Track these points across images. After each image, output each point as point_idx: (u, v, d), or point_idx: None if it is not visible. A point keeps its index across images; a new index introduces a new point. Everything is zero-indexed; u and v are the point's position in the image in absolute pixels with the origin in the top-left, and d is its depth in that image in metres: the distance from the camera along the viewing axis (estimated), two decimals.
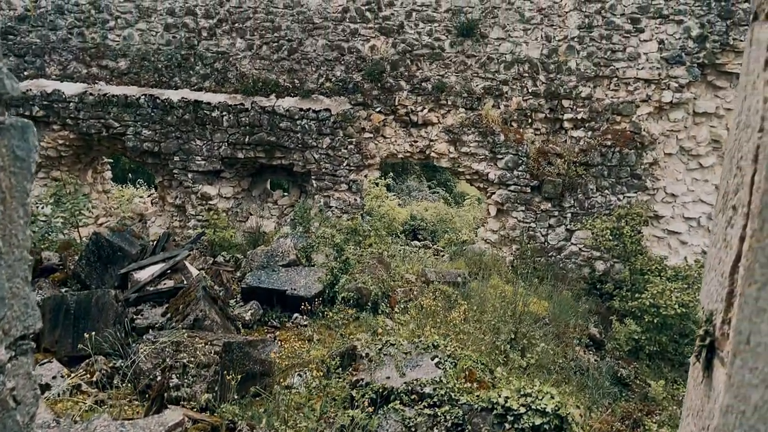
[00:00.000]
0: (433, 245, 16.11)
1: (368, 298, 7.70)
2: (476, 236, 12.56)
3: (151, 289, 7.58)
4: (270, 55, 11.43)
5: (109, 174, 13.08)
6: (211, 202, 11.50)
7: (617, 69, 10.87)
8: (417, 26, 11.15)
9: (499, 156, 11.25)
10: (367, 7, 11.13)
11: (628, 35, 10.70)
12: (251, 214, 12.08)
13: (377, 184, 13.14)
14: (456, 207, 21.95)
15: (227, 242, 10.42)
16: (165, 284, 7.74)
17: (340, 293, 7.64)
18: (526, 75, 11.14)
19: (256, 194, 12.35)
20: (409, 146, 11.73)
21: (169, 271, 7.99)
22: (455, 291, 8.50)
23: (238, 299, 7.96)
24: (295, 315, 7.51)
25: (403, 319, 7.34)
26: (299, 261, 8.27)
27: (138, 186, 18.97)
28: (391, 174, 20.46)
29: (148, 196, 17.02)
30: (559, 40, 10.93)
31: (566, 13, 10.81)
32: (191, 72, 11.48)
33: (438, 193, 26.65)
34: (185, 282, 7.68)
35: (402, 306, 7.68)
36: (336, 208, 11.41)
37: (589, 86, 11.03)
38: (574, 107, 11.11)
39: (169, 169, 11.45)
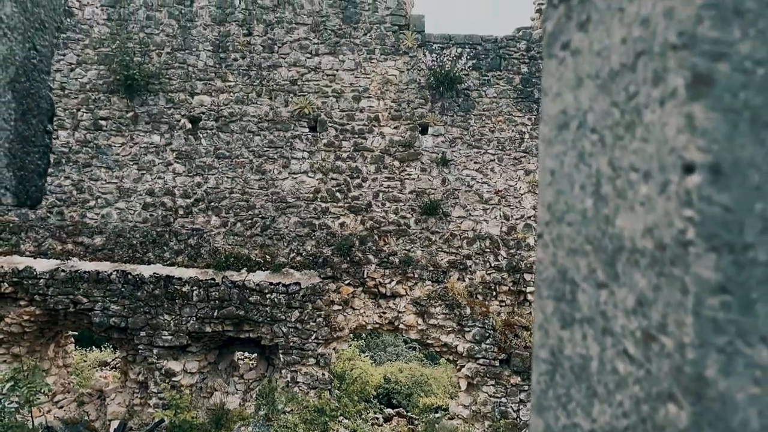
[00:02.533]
0: (407, 412, 15.60)
1: None
2: (451, 400, 12.27)
3: None
4: (243, 232, 11.89)
5: (71, 347, 12.79)
6: (174, 379, 11.20)
7: None
8: (384, 205, 11.85)
9: (467, 329, 11.39)
10: (337, 188, 11.88)
11: None
12: (216, 390, 11.72)
13: (350, 345, 13.02)
14: (432, 365, 21.57)
15: (188, 424, 10.00)
16: None
17: None
18: (488, 250, 11.68)
19: (222, 368, 12.09)
20: (378, 317, 11.85)
21: None
22: None
23: None
24: None
25: None
26: None
27: (103, 349, 18.46)
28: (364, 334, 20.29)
29: (112, 360, 16.55)
30: (516, 219, 11.65)
31: (521, 195, 11.65)
32: (165, 248, 11.81)
33: (414, 348, 26.29)
34: None
35: None
36: (303, 383, 11.18)
37: None
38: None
39: (135, 344, 11.29)
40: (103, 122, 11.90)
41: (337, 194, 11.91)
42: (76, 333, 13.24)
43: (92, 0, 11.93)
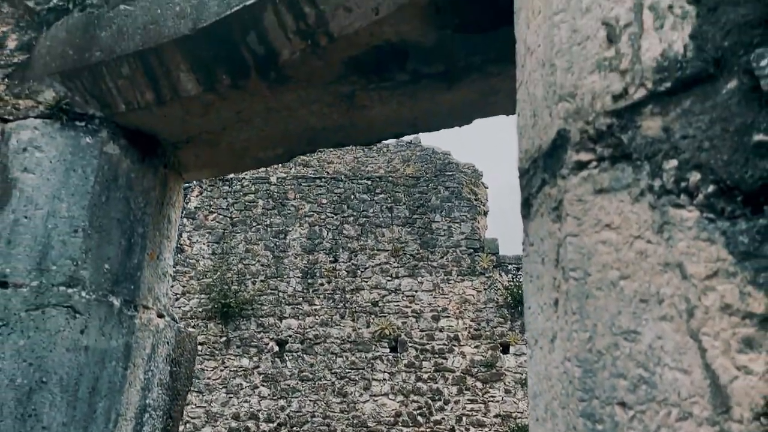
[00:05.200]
0: None
1: None
2: None
3: None
4: None
5: None
6: None
7: None
8: (468, 430, 11.32)
9: None
10: (418, 411, 11.61)
11: None
12: None
13: None
14: None
15: None
16: None
17: None
18: None
19: None
20: None
21: None
22: None
23: None
24: None
25: None
26: None
27: None
28: None
29: None
30: None
31: None
32: None
33: None
34: None
35: None
36: None
37: None
38: None
39: None
40: (199, 347, 12.71)
41: (419, 418, 11.59)
42: None
43: (201, 238, 13.63)
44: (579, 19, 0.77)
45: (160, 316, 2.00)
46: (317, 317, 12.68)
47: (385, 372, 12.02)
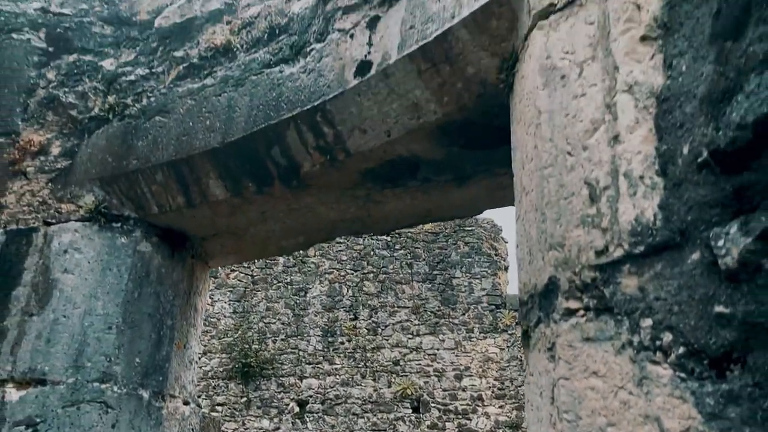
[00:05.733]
0: None
1: None
2: None
3: None
4: None
5: None
6: None
7: None
8: None
9: None
10: None
11: None
12: None
13: None
14: None
15: None
16: None
17: None
18: None
19: None
20: None
21: None
22: None
23: None
24: None
25: None
26: None
27: None
28: None
29: None
30: None
31: None
32: None
33: None
34: None
35: None
36: None
37: None
38: None
39: None
40: (219, 408, 12.62)
41: None
42: None
43: (222, 296, 13.75)
44: (565, 175, 0.87)
45: (186, 403, 2.07)
46: (338, 377, 12.55)
47: None
